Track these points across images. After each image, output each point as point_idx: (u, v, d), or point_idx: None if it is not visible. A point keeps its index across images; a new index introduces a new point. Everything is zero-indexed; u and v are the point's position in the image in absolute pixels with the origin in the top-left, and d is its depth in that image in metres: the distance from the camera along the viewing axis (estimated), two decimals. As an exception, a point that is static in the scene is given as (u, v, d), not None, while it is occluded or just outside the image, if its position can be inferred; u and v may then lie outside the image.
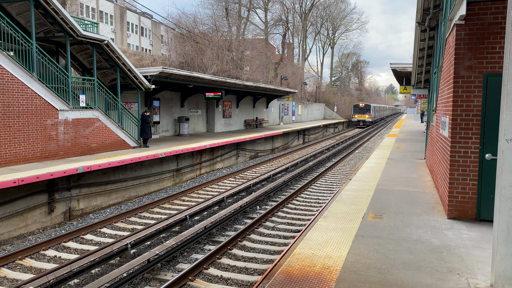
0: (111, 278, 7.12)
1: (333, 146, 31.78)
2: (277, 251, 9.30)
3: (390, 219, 7.22)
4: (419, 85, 21.40)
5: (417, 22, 11.81)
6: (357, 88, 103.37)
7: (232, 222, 11.54)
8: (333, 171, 20.24)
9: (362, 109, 59.17)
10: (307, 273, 4.96)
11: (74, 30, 14.37)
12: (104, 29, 50.29)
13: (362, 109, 59.24)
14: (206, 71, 34.63)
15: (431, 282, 4.71)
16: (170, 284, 7.10)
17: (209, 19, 45.60)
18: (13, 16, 14.90)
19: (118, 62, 16.87)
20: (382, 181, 10.73)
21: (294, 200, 14.10)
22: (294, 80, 55.72)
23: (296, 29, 65.12)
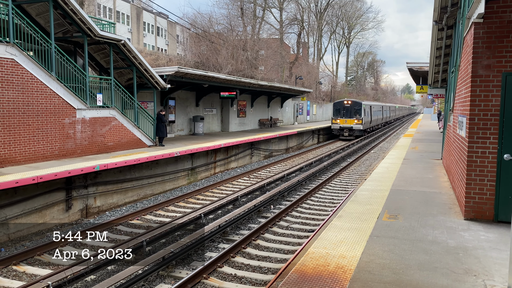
0: (127, 274, 7.22)
1: (348, 146, 31.58)
2: (291, 251, 9.30)
3: (406, 220, 7.16)
4: (436, 85, 21.12)
5: (435, 20, 11.66)
6: (373, 87, 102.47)
7: (246, 221, 11.57)
8: (348, 171, 20.12)
9: (348, 110, 37.19)
10: (321, 272, 4.95)
11: (91, 30, 14.59)
12: (121, 29, 50.87)
13: (347, 110, 37.22)
14: (221, 71, 34.75)
15: (447, 283, 4.66)
16: (185, 281, 7.17)
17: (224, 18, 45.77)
18: (32, 17, 15.20)
19: (134, 62, 17.07)
20: (397, 182, 10.63)
21: (308, 199, 14.06)
22: (309, 80, 55.52)
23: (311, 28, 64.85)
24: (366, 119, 38.62)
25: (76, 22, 14.26)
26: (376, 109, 46.44)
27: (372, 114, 42.61)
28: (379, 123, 51.10)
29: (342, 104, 37.72)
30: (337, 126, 37.21)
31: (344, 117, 36.90)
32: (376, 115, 46.42)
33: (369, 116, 40.73)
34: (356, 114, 36.80)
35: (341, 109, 37.22)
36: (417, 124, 45.87)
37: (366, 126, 38.93)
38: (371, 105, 42.79)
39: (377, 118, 47.33)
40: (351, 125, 36.60)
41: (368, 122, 39.95)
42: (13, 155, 12.21)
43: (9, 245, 10.07)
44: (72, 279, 7.15)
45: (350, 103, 37.37)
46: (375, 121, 45.99)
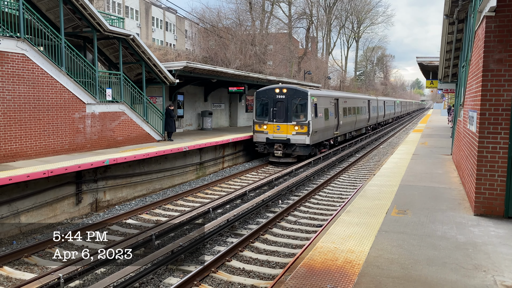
0: (137, 267, 7.29)
1: (356, 142, 31.44)
2: (299, 245, 9.31)
3: (415, 215, 7.13)
4: (446, 79, 20.91)
5: (445, 14, 11.53)
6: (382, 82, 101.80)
7: (254, 216, 11.60)
8: (357, 167, 20.05)
9: (283, 105, 20.45)
10: (329, 267, 4.96)
11: (101, 25, 14.65)
12: (130, 24, 51.04)
13: (282, 105, 20.48)
14: (229, 66, 34.76)
15: (456, 278, 4.65)
16: (194, 275, 7.22)
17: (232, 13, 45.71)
18: (43, 12, 15.29)
19: (143, 57, 17.13)
20: (406, 177, 10.58)
21: (316, 195, 14.05)
22: (317, 75, 55.29)
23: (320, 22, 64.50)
24: (319, 124, 20.85)
25: (86, 17, 14.33)
26: (351, 104, 28.63)
27: (341, 114, 25.34)
28: (358, 128, 31.86)
29: (272, 94, 20.37)
30: (262, 138, 20.33)
31: (276, 121, 20.10)
32: (354, 116, 29.29)
33: (333, 119, 23.81)
34: (298, 114, 20.03)
35: (270, 104, 20.36)
36: (426, 120, 45.51)
37: (319, 137, 21.09)
38: (336, 98, 24.83)
39: (354, 121, 29.57)
40: (286, 135, 19.85)
41: (323, 130, 21.77)
42: (24, 149, 12.35)
43: (21, 238, 10.21)
44: (82, 271, 7.24)
45: (286, 93, 20.15)
46: (348, 126, 27.69)
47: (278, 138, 20.02)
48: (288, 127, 19.92)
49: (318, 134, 20.86)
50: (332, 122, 23.53)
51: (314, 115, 20.23)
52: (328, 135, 23.13)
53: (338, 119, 24.93)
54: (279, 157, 20.15)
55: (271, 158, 20.46)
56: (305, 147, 19.89)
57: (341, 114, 25.61)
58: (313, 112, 20.15)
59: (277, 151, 20.02)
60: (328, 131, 23.01)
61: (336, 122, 24.51)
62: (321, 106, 21.49)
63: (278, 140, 20.05)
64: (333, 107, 23.86)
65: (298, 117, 19.97)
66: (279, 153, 19.97)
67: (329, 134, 23.27)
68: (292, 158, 20.28)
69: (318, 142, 21.56)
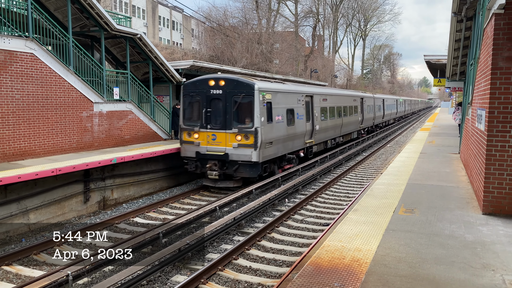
0: (144, 265, 7.33)
1: (362, 141, 31.34)
2: (306, 244, 9.31)
3: (422, 214, 7.10)
4: (454, 78, 20.77)
5: (453, 12, 11.43)
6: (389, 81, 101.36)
7: (261, 214, 11.61)
8: (364, 165, 19.98)
9: (217, 107, 14.10)
10: (336, 265, 4.96)
11: (108, 24, 14.73)
12: (137, 23, 51.22)
13: (216, 107, 14.11)
14: (235, 65, 34.79)
15: (464, 277, 4.62)
16: (201, 273, 7.24)
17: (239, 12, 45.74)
18: (51, 12, 15.40)
19: (150, 56, 17.20)
20: (414, 176, 10.53)
21: (323, 193, 14.03)
22: (324, 73, 55.18)
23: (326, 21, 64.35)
24: (275, 131, 14.93)
25: (93, 16, 14.41)
26: (335, 103, 22.68)
27: (317, 117, 19.35)
28: (347, 133, 26.04)
29: (204, 88, 14.44)
30: (192, 151, 14.57)
31: (211, 126, 14.31)
32: (339, 119, 23.42)
33: (304, 123, 17.64)
34: (242, 117, 14.14)
35: (202, 103, 14.48)
36: (434, 118, 45.24)
37: (276, 151, 15.20)
38: (309, 95, 18.73)
39: (340, 125, 23.65)
40: (225, 148, 14.05)
41: (285, 140, 15.83)
42: (32, 147, 12.46)
43: (30, 236, 10.31)
44: (91, 269, 7.30)
45: (225, 86, 14.18)
46: (330, 131, 21.96)
47: (212, 153, 13.84)
48: (228, 137, 13.68)
49: (274, 146, 14.74)
50: (301, 128, 17.23)
51: (266, 119, 13.95)
52: (295, 145, 16.87)
53: (313, 123, 18.75)
54: (214, 180, 13.96)
55: (205, 181, 14.38)
56: (252, 166, 13.61)
57: (318, 116, 19.46)
58: (265, 114, 13.84)
59: (211, 171, 13.75)
60: (295, 140, 16.80)
61: (309, 127, 18.33)
62: (281, 106, 15.30)
63: (212, 155, 13.85)
64: (302, 108, 17.48)
65: (242, 121, 13.78)
66: (214, 175, 13.69)
67: (297, 144, 17.08)
68: (235, 182, 14.11)
69: (277, 157, 15.35)
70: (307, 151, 18.63)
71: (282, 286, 4.70)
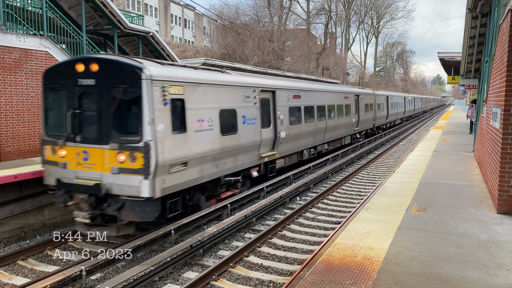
0: (156, 261, 7.39)
1: (375, 139, 31.14)
2: (317, 242, 9.28)
3: (435, 212, 7.03)
4: (469, 75, 20.51)
5: (468, 8, 11.28)
6: (402, 78, 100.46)
7: (272, 212, 11.61)
8: (376, 164, 19.85)
9: (89, 107, 8.71)
10: (348, 263, 4.94)
11: (121, 23, 14.86)
12: (149, 21, 51.55)
13: (86, 107, 8.71)
14: (247, 62, 34.80)
15: (478, 277, 4.57)
16: (212, 269, 7.28)
17: (251, 9, 45.76)
18: (65, 10, 15.59)
19: (162, 54, 17.30)
20: (427, 174, 10.43)
21: (334, 192, 13.97)
22: (336, 71, 54.91)
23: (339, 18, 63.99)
24: (188, 147, 9.33)
25: (107, 15, 14.54)
26: (314, 101, 17.82)
27: (284, 120, 14.58)
28: (334, 139, 20.96)
29: (71, 76, 8.74)
30: (53, 177, 9.05)
31: (81, 139, 8.73)
32: (321, 121, 18.39)
33: (254, 130, 12.51)
34: (125, 122, 8.72)
35: (69, 100, 8.87)
36: (447, 116, 44.72)
37: (196, 174, 9.77)
38: (269, 89, 13.79)
39: (323, 129, 18.72)
40: (101, 174, 8.46)
41: (213, 159, 10.43)
42: (47, 144, 12.63)
43: (44, 231, 10.46)
44: (104, 263, 7.39)
45: (98, 73, 8.50)
46: (308, 138, 17.14)
47: (80, 181, 8.64)
48: (105, 155, 8.51)
49: (194, 167, 9.69)
50: (251, 137, 12.20)
51: (172, 127, 8.87)
52: (239, 162, 11.85)
53: (276, 130, 13.79)
54: (84, 224, 8.69)
55: (77, 225, 9.04)
56: (144, 204, 8.41)
57: (285, 119, 14.56)
58: (168, 119, 8.73)
59: (79, 211, 8.61)
60: (240, 155, 11.80)
61: (269, 134, 13.47)
62: (207, 106, 10.23)
63: (78, 186, 8.61)
64: (254, 108, 12.49)
65: (126, 131, 8.72)
66: (83, 217, 8.54)
67: (244, 160, 12.10)
68: (120, 228, 8.77)
69: (204, 183, 10.39)
70: (266, 168, 13.76)
71: (294, 283, 4.70)
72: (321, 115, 18.44)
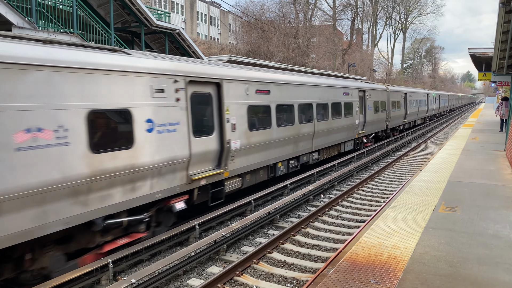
0: (181, 256, 7.49)
1: (401, 137, 30.60)
2: (341, 240, 9.20)
3: (464, 212, 6.85)
4: (501, 71, 19.85)
5: (501, 2, 10.89)
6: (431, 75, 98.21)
7: (295, 209, 11.58)
8: (402, 162, 19.50)
9: None
10: (373, 262, 4.87)
11: (148, 20, 15.08)
12: (175, 18, 52.09)
13: None
14: (272, 59, 34.74)
15: (509, 279, 4.43)
16: (236, 265, 7.32)
17: (276, 6, 45.58)
18: (94, 8, 15.93)
19: (188, 50, 17.47)
20: (455, 173, 10.18)
21: (359, 190, 13.81)
22: (362, 67, 54.18)
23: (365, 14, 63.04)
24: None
25: (134, 12, 14.78)
26: (283, 96, 12.97)
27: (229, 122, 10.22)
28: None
29: None
30: None
31: None
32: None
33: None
34: None
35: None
36: (478, 114, 43.47)
37: None
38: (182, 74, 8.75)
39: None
40: None
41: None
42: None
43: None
44: (128, 255, 7.53)
45: None
46: (280, 148, 12.87)
47: None
48: None
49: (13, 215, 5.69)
50: (160, 154, 8.09)
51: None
52: (137, 193, 7.72)
53: (223, 139, 10.00)
54: None
55: None
56: None
57: (241, 123, 10.73)
58: None
59: None
60: (138, 182, 7.71)
61: (214, 145, 9.73)
62: (50, 106, 6.15)
63: None
64: (171, 108, 8.43)
65: None
66: None
67: (148, 187, 7.95)
68: None
69: (43, 239, 6.41)
70: (205, 193, 9.81)
71: (317, 281, 4.67)
72: (307, 117, 14.57)
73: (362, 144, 21.49)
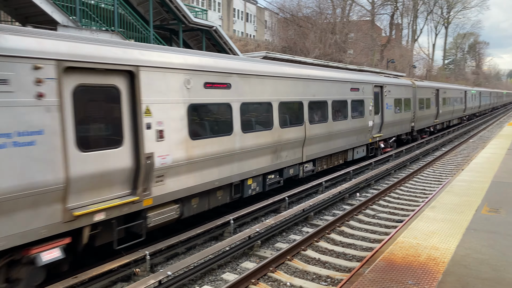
0: (215, 250, 7.58)
1: (442, 135, 29.63)
2: (378, 240, 9.02)
3: (509, 214, 6.55)
4: (552, 67, 18.74)
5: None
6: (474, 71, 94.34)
7: (330, 207, 11.46)
8: (442, 161, 18.87)
9: None
10: (410, 263, 4.75)
11: (186, 17, 15.31)
12: (212, 16, 52.60)
13: None
14: (308, 55, 34.46)
15: (558, 286, 4.20)
16: (269, 261, 7.33)
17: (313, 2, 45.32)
18: (134, 6, 16.34)
19: (225, 47, 17.61)
20: (499, 173, 9.74)
21: (397, 189, 13.48)
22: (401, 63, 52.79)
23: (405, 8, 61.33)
24: None
25: (172, 10, 15.06)
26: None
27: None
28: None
29: None
30: None
31: None
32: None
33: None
34: None
35: None
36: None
37: None
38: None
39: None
40: None
41: None
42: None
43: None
44: (165, 248, 7.71)
45: None
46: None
47: None
48: None
49: None
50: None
51: None
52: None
53: (139, 151, 7.01)
54: None
55: None
56: None
57: (180, 128, 7.88)
58: None
59: None
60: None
61: (126, 160, 6.85)
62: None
63: None
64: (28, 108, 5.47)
65: None
66: None
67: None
68: None
69: None
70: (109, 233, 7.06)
71: (352, 280, 4.60)
72: (293, 119, 11.67)
73: (379, 149, 18.51)
